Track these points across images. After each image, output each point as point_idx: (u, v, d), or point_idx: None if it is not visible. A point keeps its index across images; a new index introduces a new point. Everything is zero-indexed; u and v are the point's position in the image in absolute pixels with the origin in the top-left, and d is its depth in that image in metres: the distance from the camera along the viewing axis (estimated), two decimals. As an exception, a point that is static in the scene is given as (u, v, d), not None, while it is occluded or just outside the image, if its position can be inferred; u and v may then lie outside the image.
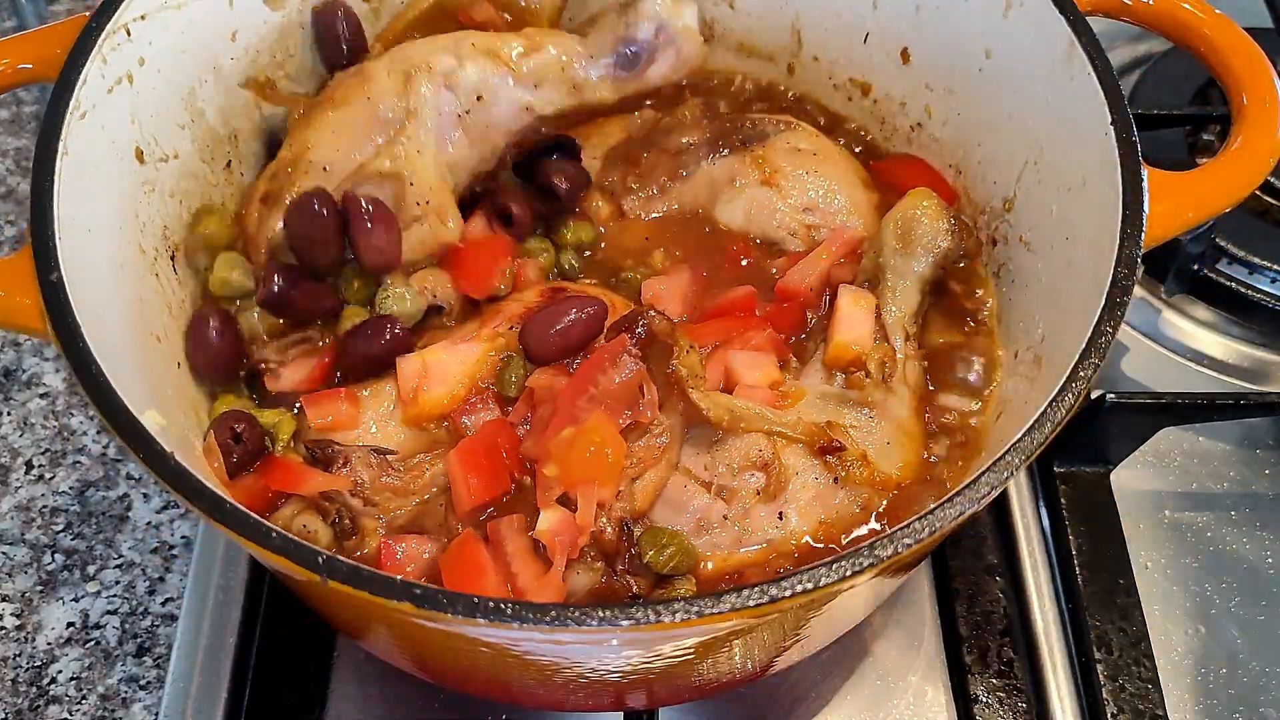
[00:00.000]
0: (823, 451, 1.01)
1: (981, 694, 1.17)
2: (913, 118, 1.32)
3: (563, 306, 1.05)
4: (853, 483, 1.01)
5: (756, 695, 1.18)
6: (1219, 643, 1.24)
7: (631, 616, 0.74)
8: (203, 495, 0.80)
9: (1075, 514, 1.27)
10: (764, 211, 1.22)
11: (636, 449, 0.99)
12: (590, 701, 1.04)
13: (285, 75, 1.24)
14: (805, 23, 1.36)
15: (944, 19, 1.23)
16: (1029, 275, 1.13)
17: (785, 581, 0.75)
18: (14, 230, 1.59)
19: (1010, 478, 0.82)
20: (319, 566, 0.75)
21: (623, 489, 0.97)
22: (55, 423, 1.41)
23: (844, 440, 1.02)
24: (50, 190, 0.92)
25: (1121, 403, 1.24)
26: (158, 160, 1.09)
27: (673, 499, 1.01)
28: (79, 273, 0.90)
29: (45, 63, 1.01)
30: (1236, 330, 1.47)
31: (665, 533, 0.98)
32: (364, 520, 0.99)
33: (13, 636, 1.25)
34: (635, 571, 0.96)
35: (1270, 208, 1.49)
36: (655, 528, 0.99)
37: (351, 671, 1.18)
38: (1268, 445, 1.38)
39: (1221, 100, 1.08)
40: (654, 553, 0.96)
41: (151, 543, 1.31)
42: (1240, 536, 1.31)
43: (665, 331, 1.00)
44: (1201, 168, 1.03)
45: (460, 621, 0.73)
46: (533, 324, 1.05)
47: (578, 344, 1.04)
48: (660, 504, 1.01)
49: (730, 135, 1.26)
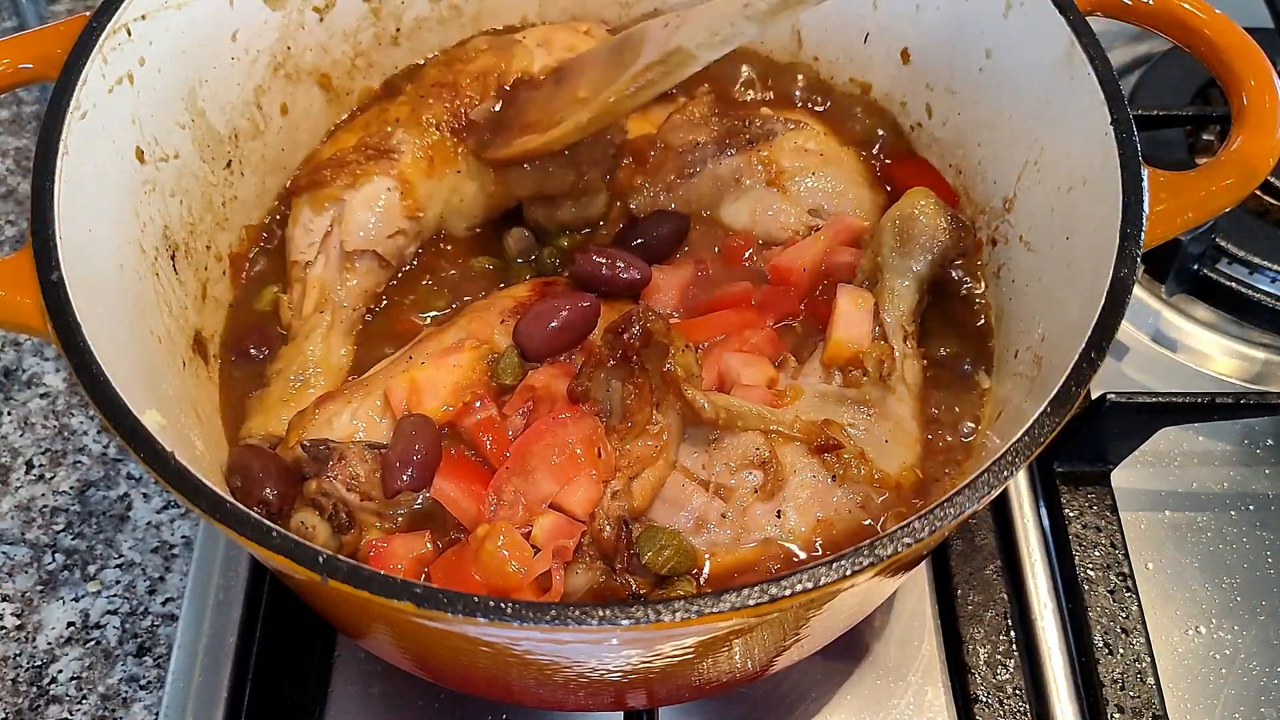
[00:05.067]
0: (820, 450, 1.01)
1: (981, 694, 1.17)
2: (913, 118, 1.32)
3: (556, 303, 1.04)
4: (851, 481, 1.01)
5: (756, 695, 1.18)
6: (1219, 643, 1.24)
7: (631, 616, 0.74)
8: (203, 495, 0.80)
9: (1075, 514, 1.27)
10: (769, 212, 1.22)
11: (634, 448, 0.99)
12: (590, 701, 1.04)
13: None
14: (805, 22, 1.36)
15: (944, 19, 1.23)
16: (1029, 275, 1.13)
17: (785, 581, 0.75)
18: (14, 230, 1.59)
19: (1010, 478, 0.82)
20: (319, 566, 0.75)
21: (620, 488, 0.97)
22: (55, 422, 1.41)
23: (841, 439, 1.02)
24: (51, 190, 0.92)
25: (1121, 403, 1.24)
26: (158, 160, 1.09)
27: (671, 498, 1.01)
28: (79, 273, 0.90)
29: (46, 62, 1.01)
30: (1236, 330, 1.47)
31: (664, 533, 0.98)
32: (361, 515, 1.00)
33: (13, 636, 1.25)
34: (635, 571, 0.96)
35: (1270, 208, 1.49)
36: (654, 528, 0.99)
37: (351, 671, 1.18)
38: (1268, 445, 1.38)
39: (1221, 100, 1.09)
40: (652, 554, 0.96)
41: (152, 542, 1.31)
42: (1240, 536, 1.31)
43: (660, 331, 1.00)
44: (1201, 168, 1.03)
45: (460, 621, 0.73)
46: (527, 321, 1.05)
47: (572, 340, 1.04)
48: (659, 503, 1.01)
49: (738, 134, 1.26)
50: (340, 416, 1.04)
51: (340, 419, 1.04)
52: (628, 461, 0.99)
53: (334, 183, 1.18)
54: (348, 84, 1.32)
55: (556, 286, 1.14)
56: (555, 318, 1.04)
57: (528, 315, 1.05)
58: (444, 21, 1.36)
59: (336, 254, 1.18)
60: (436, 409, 1.03)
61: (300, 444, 1.02)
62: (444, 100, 1.23)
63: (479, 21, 1.37)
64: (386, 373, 1.08)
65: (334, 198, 1.18)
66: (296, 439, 1.03)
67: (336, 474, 0.98)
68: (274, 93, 1.24)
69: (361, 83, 1.33)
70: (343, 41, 1.29)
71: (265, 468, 1.01)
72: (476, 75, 1.24)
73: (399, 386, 1.04)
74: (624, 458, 0.99)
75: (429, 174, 1.20)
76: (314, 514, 0.99)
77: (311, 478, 1.00)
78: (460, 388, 1.04)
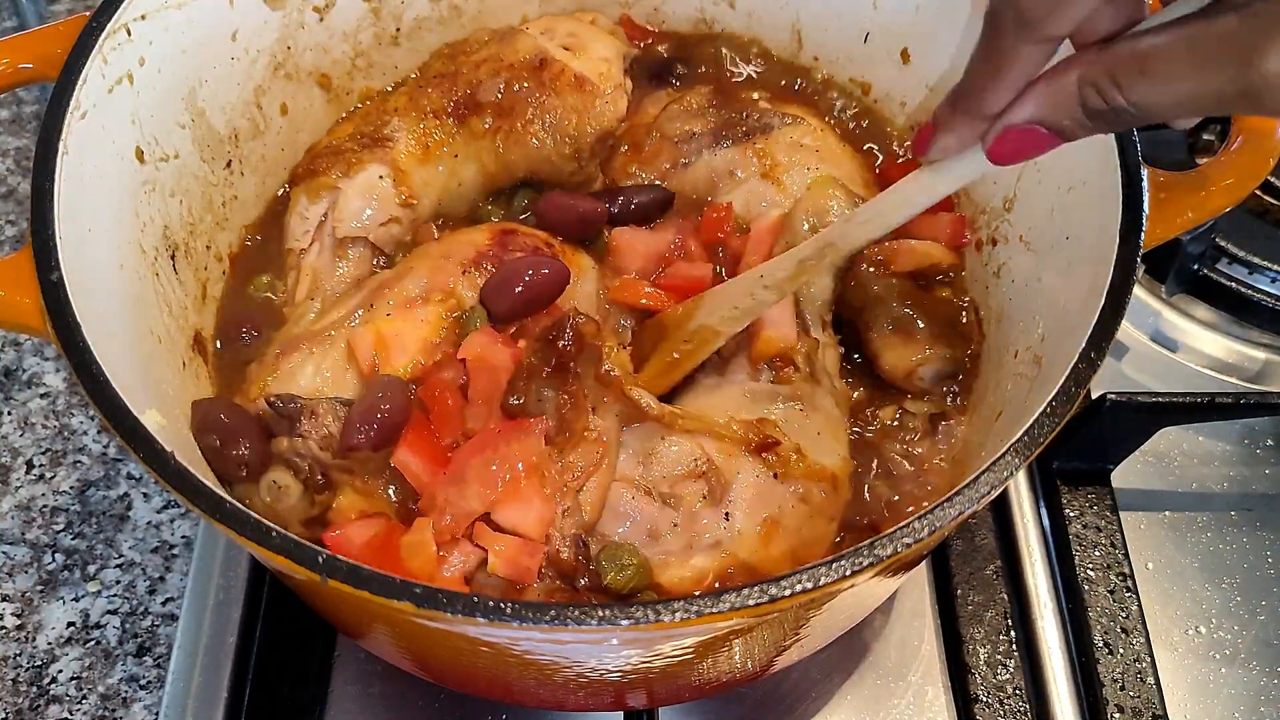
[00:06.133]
0: (759, 450, 1.01)
1: (981, 694, 1.17)
2: (913, 118, 1.32)
3: (523, 263, 1.04)
4: (791, 477, 1.01)
5: (756, 695, 1.18)
6: (1219, 643, 1.24)
7: (631, 616, 0.74)
8: (203, 495, 0.80)
9: (1075, 514, 1.27)
10: (762, 204, 1.22)
11: (575, 458, 0.97)
12: (590, 701, 1.04)
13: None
14: (805, 23, 1.36)
15: (944, 19, 1.23)
16: (1029, 275, 1.13)
17: (785, 581, 0.75)
18: (14, 230, 1.59)
19: (1010, 478, 0.82)
20: (319, 566, 0.75)
21: (570, 505, 0.95)
22: (55, 422, 1.41)
23: (777, 435, 1.02)
24: (50, 190, 0.92)
25: (1121, 403, 1.24)
26: (158, 160, 1.09)
27: (620, 510, 1.00)
28: (79, 272, 0.90)
29: (46, 62, 1.01)
30: (1236, 330, 1.47)
31: (624, 550, 0.97)
32: (335, 474, 0.96)
33: (13, 636, 1.25)
34: (596, 589, 0.94)
35: (1270, 208, 1.49)
36: (613, 545, 0.97)
37: (351, 671, 1.18)
38: (1268, 445, 1.38)
39: (1222, 100, 1.08)
40: (614, 573, 0.94)
41: (152, 542, 1.31)
42: (1240, 536, 1.31)
43: (591, 333, 0.98)
44: (1201, 168, 1.03)
45: (460, 621, 0.73)
46: (494, 281, 1.04)
47: (540, 302, 1.03)
48: (608, 515, 1.00)
49: (734, 126, 1.26)
50: (304, 369, 1.02)
51: (304, 371, 1.02)
52: (571, 474, 0.96)
53: (329, 171, 1.18)
54: (348, 84, 1.32)
55: (516, 235, 1.12)
56: (521, 281, 1.03)
57: (495, 278, 1.04)
58: (444, 21, 1.36)
59: (330, 242, 1.18)
60: (405, 364, 1.01)
61: (265, 399, 0.97)
62: (443, 88, 1.23)
63: (479, 21, 1.37)
64: (346, 322, 1.06)
65: (329, 186, 1.18)
66: (259, 392, 1.00)
67: (309, 431, 0.94)
68: (274, 93, 1.24)
69: (361, 83, 1.33)
70: (343, 41, 1.29)
71: (237, 423, 0.97)
72: (478, 63, 1.24)
73: (364, 339, 1.02)
74: (566, 470, 0.96)
75: (424, 161, 1.21)
76: (287, 473, 0.95)
77: (282, 435, 0.96)
78: (430, 345, 1.02)
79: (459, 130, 1.22)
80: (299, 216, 1.19)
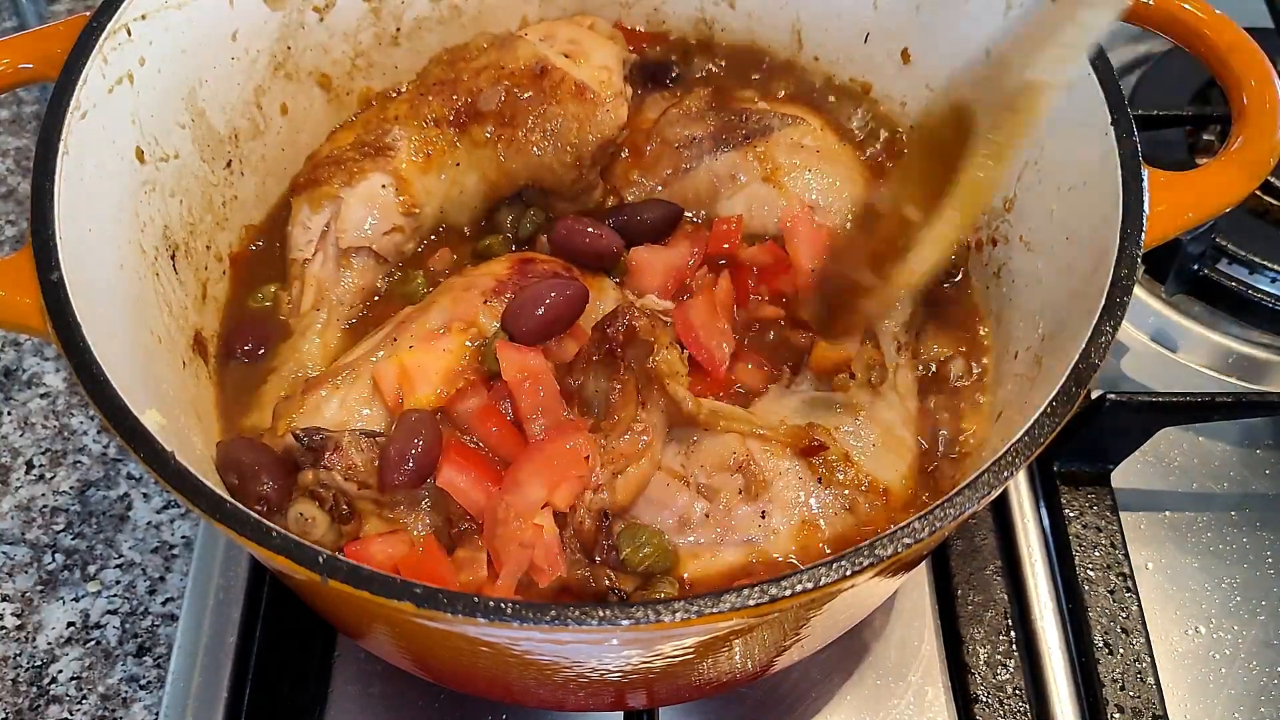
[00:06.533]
0: (805, 453, 1.01)
1: (981, 694, 1.17)
2: (913, 118, 1.32)
3: (543, 287, 1.04)
4: (836, 484, 1.01)
5: (756, 695, 1.18)
6: (1219, 643, 1.24)
7: (631, 616, 0.74)
8: (203, 495, 0.80)
9: (1075, 514, 1.27)
10: (764, 208, 1.22)
11: (619, 445, 0.99)
12: (590, 701, 1.04)
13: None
14: (806, 23, 1.36)
15: (944, 19, 1.23)
16: (1029, 275, 1.13)
17: (785, 581, 0.75)
18: (14, 230, 1.59)
19: (1010, 478, 0.82)
20: (319, 566, 0.75)
21: (603, 482, 0.97)
22: (55, 423, 1.41)
23: (825, 439, 1.02)
24: (51, 190, 0.92)
25: (1121, 403, 1.24)
26: (158, 160, 1.09)
27: (655, 496, 1.01)
28: (79, 272, 0.90)
29: (46, 62, 1.01)
30: (1236, 330, 1.47)
31: (644, 530, 0.98)
32: (360, 505, 0.98)
33: (13, 636, 1.25)
34: (614, 565, 0.96)
35: (1270, 208, 1.49)
36: (635, 525, 0.99)
37: (351, 671, 1.18)
38: (1268, 445, 1.38)
39: (1221, 100, 1.08)
40: (631, 550, 0.96)
41: (152, 542, 1.31)
42: (1240, 536, 1.31)
43: (645, 329, 0.99)
44: (1201, 168, 1.03)
45: (460, 621, 0.73)
46: (515, 305, 1.04)
47: (561, 324, 1.04)
48: (643, 501, 1.01)
49: (734, 129, 1.26)
50: (329, 403, 1.03)
51: (329, 406, 1.02)
52: (611, 458, 0.98)
53: (331, 181, 1.18)
54: (348, 84, 1.32)
55: (535, 264, 1.13)
56: (542, 304, 1.03)
57: (516, 301, 1.04)
58: (444, 22, 1.36)
59: (334, 252, 1.18)
60: (429, 395, 1.01)
61: (292, 433, 0.99)
62: (443, 96, 1.23)
63: (479, 21, 1.37)
64: (370, 357, 1.06)
65: (331, 195, 1.18)
66: (286, 428, 1.01)
67: (334, 464, 0.96)
68: (274, 93, 1.24)
69: (361, 83, 1.33)
70: (343, 41, 1.29)
71: (259, 461, 0.99)
72: (478, 70, 1.24)
73: (388, 371, 1.02)
74: (608, 454, 0.98)
75: (426, 169, 1.21)
76: (313, 505, 0.97)
77: (307, 468, 0.98)
78: (453, 373, 1.02)
79: (460, 139, 1.22)
80: (301, 227, 1.19)
